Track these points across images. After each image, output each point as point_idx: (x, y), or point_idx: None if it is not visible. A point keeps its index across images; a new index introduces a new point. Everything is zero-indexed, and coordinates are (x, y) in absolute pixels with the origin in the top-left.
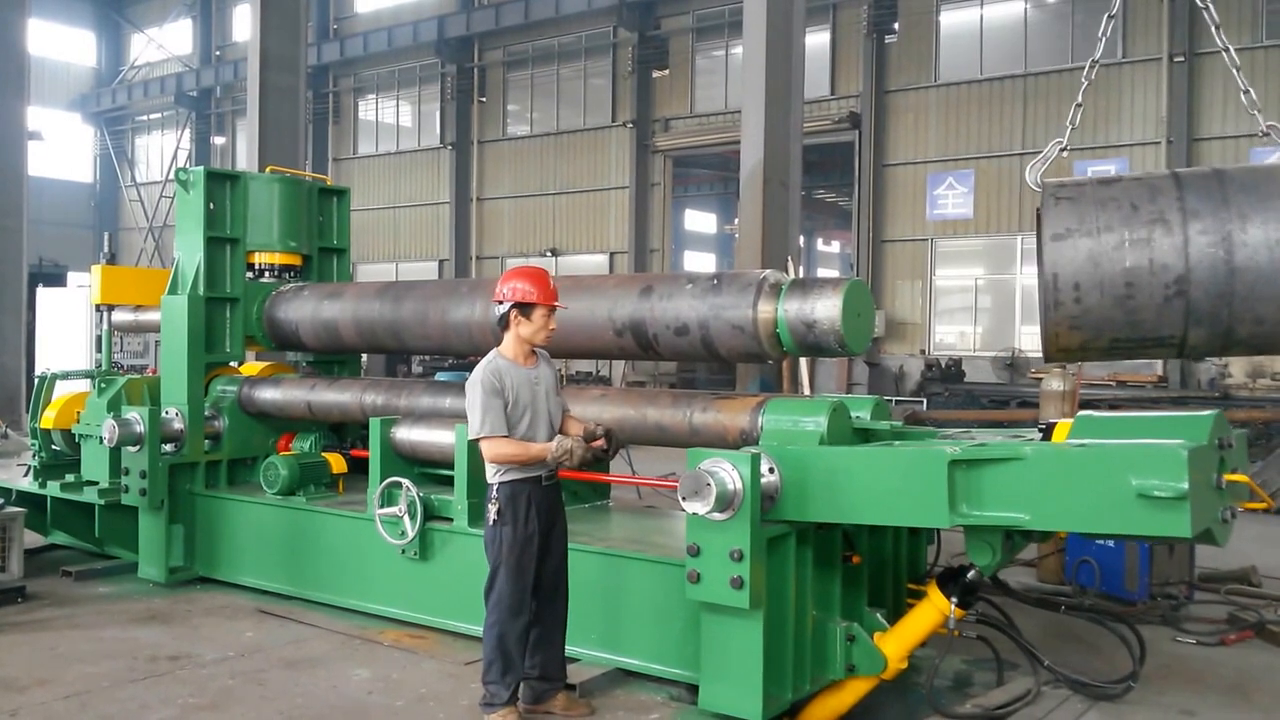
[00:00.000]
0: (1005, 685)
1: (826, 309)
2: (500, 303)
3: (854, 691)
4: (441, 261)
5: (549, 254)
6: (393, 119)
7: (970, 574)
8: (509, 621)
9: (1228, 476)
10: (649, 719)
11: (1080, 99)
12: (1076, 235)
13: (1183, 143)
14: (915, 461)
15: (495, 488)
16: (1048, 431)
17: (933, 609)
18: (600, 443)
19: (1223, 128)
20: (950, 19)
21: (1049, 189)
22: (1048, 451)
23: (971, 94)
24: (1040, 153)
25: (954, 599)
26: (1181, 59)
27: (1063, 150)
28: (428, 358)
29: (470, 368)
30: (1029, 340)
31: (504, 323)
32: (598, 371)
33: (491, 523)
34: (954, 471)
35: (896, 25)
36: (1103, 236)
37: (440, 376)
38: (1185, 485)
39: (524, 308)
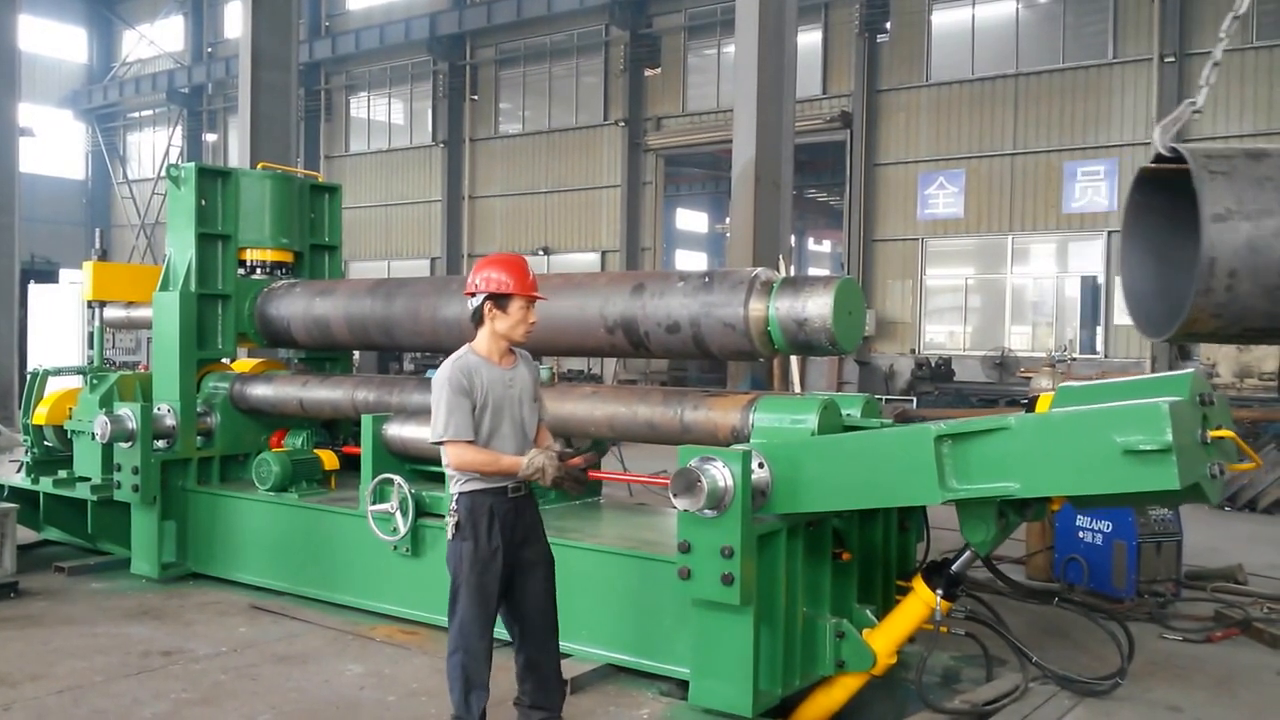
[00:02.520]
0: (993, 681)
1: (818, 307)
2: (472, 294)
3: (845, 689)
4: (433, 259)
5: (541, 252)
6: (385, 116)
7: (954, 565)
8: (472, 647)
9: (1213, 433)
10: (640, 714)
11: (1218, 56)
12: (1236, 218)
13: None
14: (901, 440)
15: (455, 498)
16: (1031, 405)
17: (919, 602)
18: (578, 461)
19: (1213, 129)
20: (942, 19)
21: (1199, 160)
22: (1032, 420)
23: (963, 94)
24: (1033, 153)
25: (939, 591)
26: (1172, 59)
27: (1195, 111)
28: (419, 355)
29: None
30: (1018, 340)
31: (478, 317)
32: (589, 369)
33: (450, 536)
34: (940, 447)
35: (888, 25)
36: (1262, 221)
37: (432, 374)
38: (1169, 437)
39: (499, 299)
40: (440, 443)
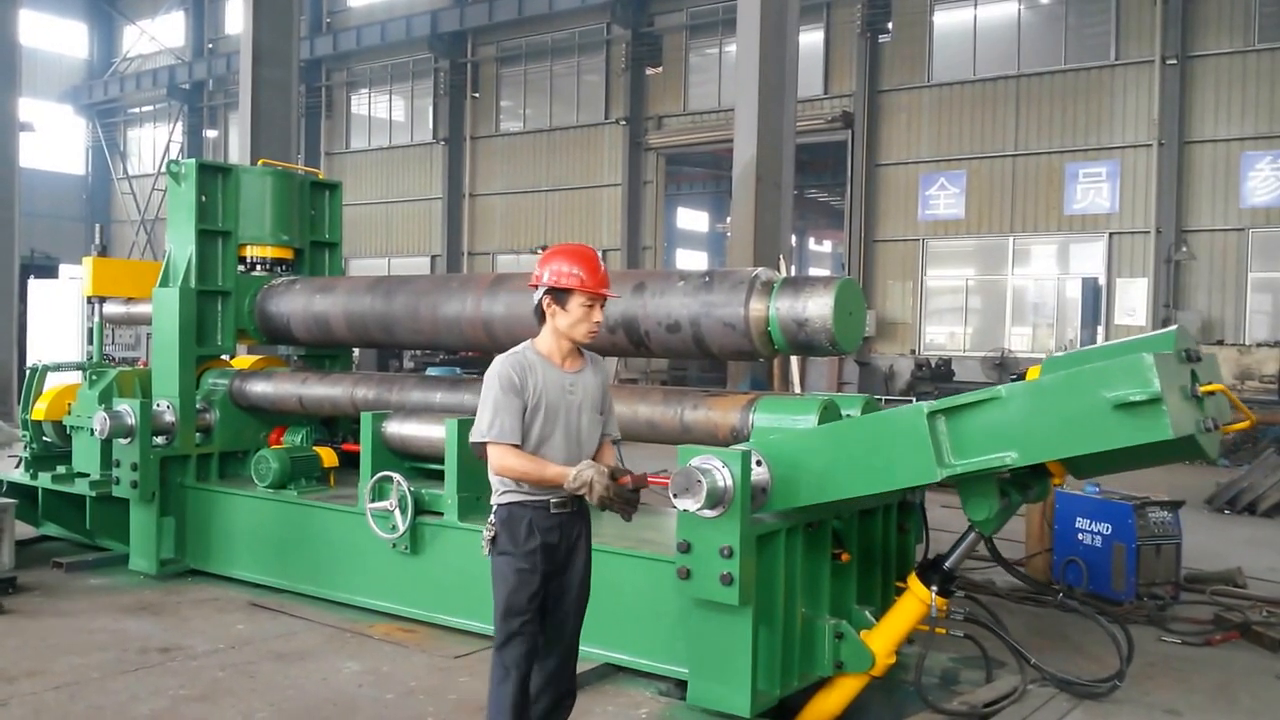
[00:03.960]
0: (992, 683)
1: (818, 307)
2: (535, 287)
3: (846, 691)
4: (433, 257)
5: (540, 250)
6: (385, 113)
7: (948, 561)
8: (512, 676)
9: (1203, 388)
10: (639, 714)
11: None
12: None
13: (1174, 145)
14: (895, 421)
15: (494, 508)
16: (1020, 378)
17: (915, 600)
18: (626, 480)
19: (1214, 130)
20: (944, 19)
21: None
22: (1021, 387)
23: (964, 95)
24: (1034, 154)
25: (934, 588)
26: (1174, 61)
27: None
28: (419, 353)
29: (462, 364)
30: (1018, 341)
31: (539, 311)
32: None
33: (486, 551)
34: (934, 423)
35: (890, 25)
36: None
37: (431, 371)
38: (1156, 385)
39: (559, 294)
40: (482, 443)
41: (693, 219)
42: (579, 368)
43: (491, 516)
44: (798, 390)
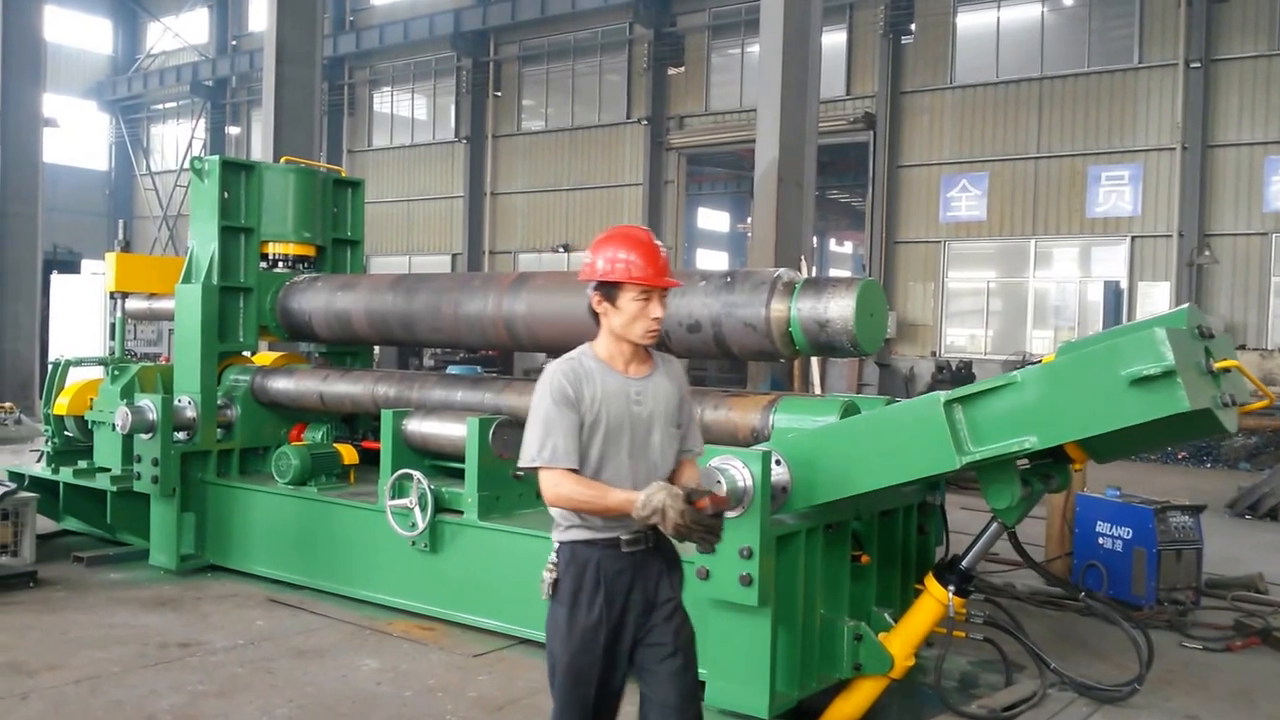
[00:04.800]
0: (1011, 687)
1: (840, 308)
2: (585, 280)
3: (866, 694)
4: (454, 255)
5: (562, 249)
6: (408, 112)
7: (965, 561)
8: None
9: (1218, 364)
10: None
11: None
12: None
13: (1197, 149)
14: (912, 411)
15: (555, 547)
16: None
17: (932, 601)
18: (705, 503)
19: (1238, 134)
20: (967, 21)
21: None
22: (1036, 370)
23: (987, 96)
24: (1057, 157)
25: (951, 588)
26: (1198, 65)
27: None
28: (439, 351)
29: (483, 362)
30: (1040, 344)
31: (592, 311)
32: None
33: (545, 596)
34: (951, 411)
35: (913, 26)
36: None
37: (451, 370)
38: (1170, 358)
39: (608, 288)
40: (531, 469)
41: (713, 219)
42: (646, 372)
43: (552, 556)
44: (818, 391)
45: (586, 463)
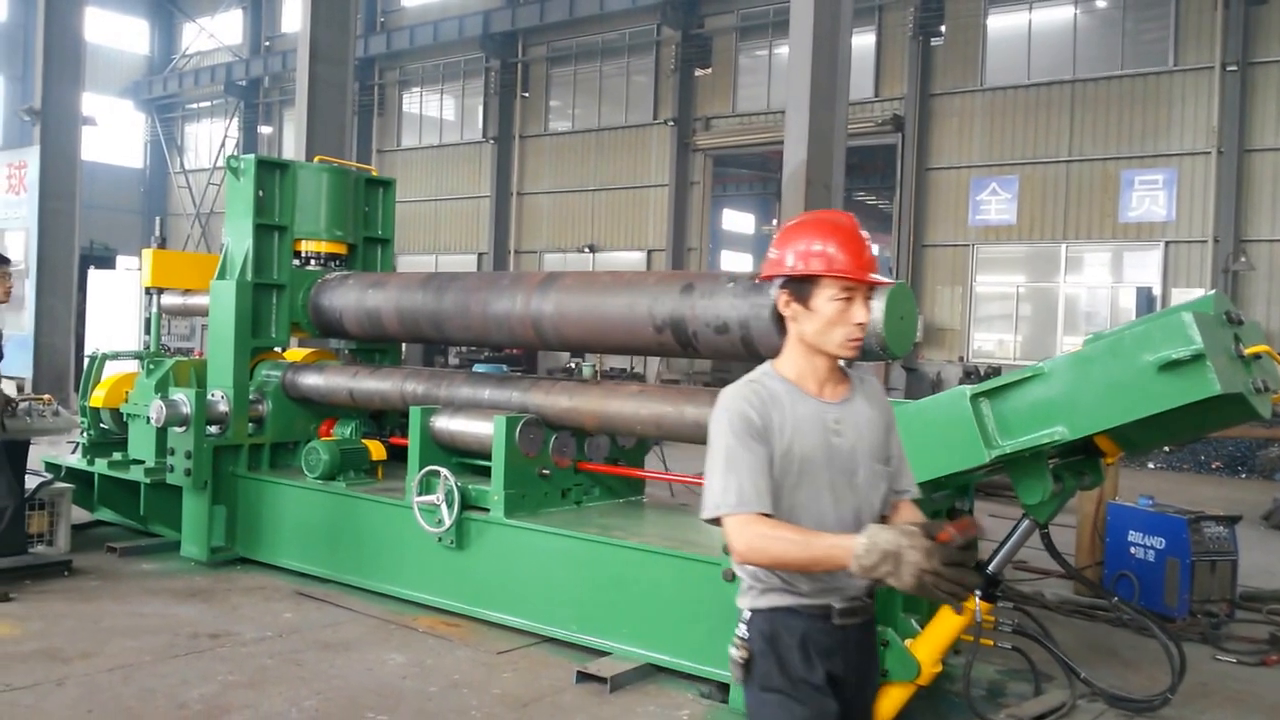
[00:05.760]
0: (1040, 696)
1: (870, 311)
2: (767, 279)
3: (893, 701)
4: (480, 255)
5: (587, 249)
6: (436, 112)
7: (991, 565)
8: None
9: (1249, 349)
10: (680, 715)
11: None
12: None
13: (1234, 153)
14: (939, 406)
15: (745, 616)
16: None
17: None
18: (949, 535)
19: (1276, 139)
20: (998, 23)
21: None
22: (1063, 359)
23: (1018, 99)
24: (1089, 160)
25: (977, 592)
26: (1234, 68)
27: None
28: (464, 349)
29: (508, 360)
30: (1069, 349)
31: (776, 316)
32: (631, 368)
33: (738, 678)
34: (978, 405)
35: (943, 28)
36: None
37: (478, 368)
38: (1198, 340)
39: (799, 285)
40: (716, 519)
41: (738, 220)
42: (844, 395)
43: (741, 629)
44: None
45: (776, 509)
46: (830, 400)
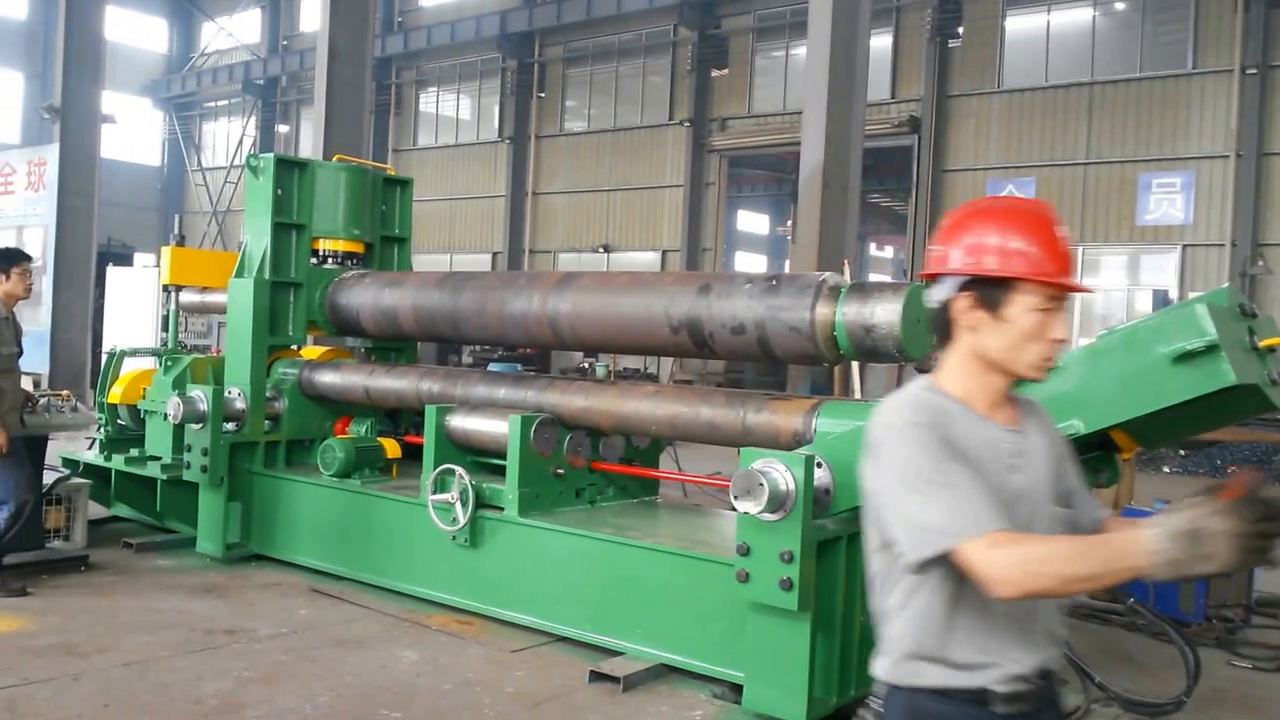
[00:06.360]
0: None
1: (886, 313)
2: (932, 277)
3: None
4: (495, 254)
5: (602, 249)
6: (453, 112)
7: None
8: None
9: (1264, 341)
10: (693, 715)
11: None
12: None
13: (1252, 157)
14: None
15: (881, 693)
16: None
17: None
18: (1234, 491)
19: None
20: (1016, 25)
21: None
22: (1077, 354)
23: (1035, 101)
24: (1106, 163)
25: None
26: (1254, 71)
27: None
28: (477, 348)
29: (523, 360)
30: None
31: (943, 323)
32: (645, 368)
33: None
34: None
35: (960, 30)
36: None
37: (492, 368)
38: (1211, 331)
39: (989, 291)
40: (938, 556)
41: (753, 221)
42: (1018, 421)
43: (876, 705)
44: (858, 396)
45: None
46: (1004, 425)
